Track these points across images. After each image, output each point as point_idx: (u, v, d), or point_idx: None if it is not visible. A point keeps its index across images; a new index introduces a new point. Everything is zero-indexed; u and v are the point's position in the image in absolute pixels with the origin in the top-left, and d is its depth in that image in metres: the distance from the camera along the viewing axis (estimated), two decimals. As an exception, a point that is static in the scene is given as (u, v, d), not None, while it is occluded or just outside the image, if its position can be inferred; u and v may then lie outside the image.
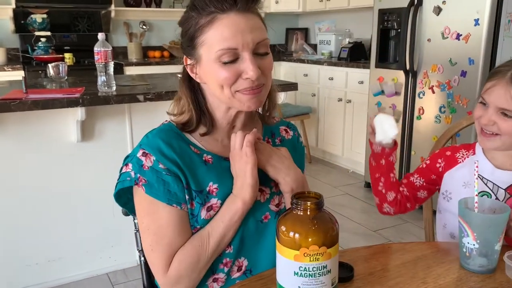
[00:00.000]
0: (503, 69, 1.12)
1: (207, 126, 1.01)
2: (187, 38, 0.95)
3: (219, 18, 0.89)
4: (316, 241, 0.75)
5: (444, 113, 2.97)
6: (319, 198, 0.79)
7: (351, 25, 4.77)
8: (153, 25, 4.94)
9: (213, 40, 0.90)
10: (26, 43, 4.26)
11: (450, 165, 1.27)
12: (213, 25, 0.90)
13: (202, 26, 0.91)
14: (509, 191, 1.16)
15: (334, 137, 4.32)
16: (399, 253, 1.04)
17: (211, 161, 1.01)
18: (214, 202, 0.99)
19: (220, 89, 0.94)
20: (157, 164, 0.95)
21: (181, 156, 0.97)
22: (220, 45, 0.89)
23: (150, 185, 0.95)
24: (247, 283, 0.91)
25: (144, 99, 2.12)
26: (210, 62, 0.92)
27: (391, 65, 3.37)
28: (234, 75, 0.92)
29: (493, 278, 0.93)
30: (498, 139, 1.13)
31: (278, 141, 1.13)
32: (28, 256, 2.23)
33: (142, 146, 0.98)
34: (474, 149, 1.26)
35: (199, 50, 0.93)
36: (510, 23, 2.66)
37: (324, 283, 0.77)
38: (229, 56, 0.90)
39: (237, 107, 0.97)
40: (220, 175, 1.00)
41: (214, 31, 0.90)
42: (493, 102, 1.12)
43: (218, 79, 0.92)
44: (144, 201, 0.96)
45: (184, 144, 1.00)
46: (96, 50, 2.07)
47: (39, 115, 2.10)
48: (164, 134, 0.99)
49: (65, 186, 2.25)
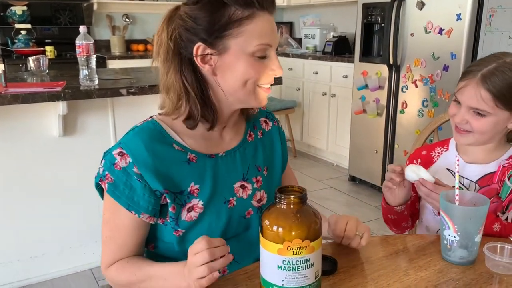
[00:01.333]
0: (474, 69, 1.14)
1: (210, 121, 0.97)
2: (214, 26, 0.90)
3: (258, 14, 0.91)
4: (300, 234, 0.76)
5: (426, 107, 3.00)
6: (302, 192, 0.80)
7: (336, 19, 4.78)
8: (136, 18, 4.88)
9: (253, 33, 0.91)
10: (5, 35, 4.18)
11: (426, 165, 1.28)
12: (254, 20, 0.90)
13: (241, 19, 0.90)
14: (479, 183, 1.19)
15: (318, 131, 4.34)
16: (381, 245, 1.05)
17: (195, 160, 0.99)
18: (195, 202, 0.98)
19: (243, 84, 0.93)
20: (132, 166, 0.93)
21: (161, 159, 0.94)
22: (260, 39, 0.91)
23: (115, 186, 0.94)
24: (232, 277, 0.92)
25: (127, 93, 2.10)
26: (241, 55, 0.91)
27: (375, 59, 3.39)
28: (262, 70, 0.94)
29: (473, 269, 0.95)
30: (471, 136, 1.16)
31: (260, 134, 1.12)
32: (10, 252, 2.20)
33: (121, 145, 0.95)
34: (448, 144, 1.29)
35: (229, 41, 0.91)
36: (491, 18, 2.69)
37: (307, 277, 0.78)
38: (263, 52, 0.92)
39: (251, 103, 0.98)
40: (203, 175, 0.99)
41: (255, 26, 0.90)
42: (465, 101, 1.14)
43: (246, 73, 0.92)
44: (107, 198, 0.97)
45: (167, 144, 0.97)
46: (78, 43, 2.04)
47: (20, 110, 2.07)
48: (146, 134, 0.96)
49: (47, 182, 2.22)
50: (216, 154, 1.02)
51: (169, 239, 1.00)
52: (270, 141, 1.14)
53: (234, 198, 1.03)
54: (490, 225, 1.10)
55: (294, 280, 0.77)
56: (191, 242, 0.85)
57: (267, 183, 1.09)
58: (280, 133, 1.18)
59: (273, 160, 1.13)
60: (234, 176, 1.04)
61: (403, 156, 3.17)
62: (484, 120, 1.12)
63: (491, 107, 1.10)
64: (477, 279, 0.91)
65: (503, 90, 1.09)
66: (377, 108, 3.37)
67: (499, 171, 1.17)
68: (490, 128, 1.13)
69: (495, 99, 1.09)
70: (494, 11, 2.69)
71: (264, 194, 1.07)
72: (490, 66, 1.11)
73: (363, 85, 3.44)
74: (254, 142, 1.10)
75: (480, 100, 1.11)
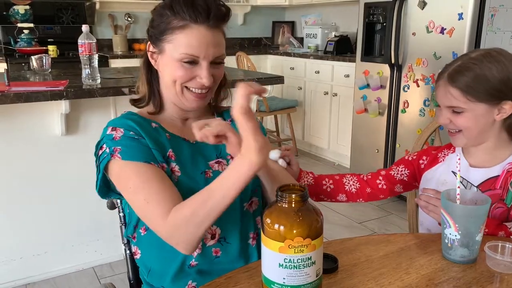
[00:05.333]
0: (444, 70, 1.16)
1: (155, 106, 1.12)
2: (156, 30, 1.04)
3: (191, 27, 1.00)
4: (301, 233, 0.76)
5: (428, 107, 3.00)
6: (303, 190, 0.80)
7: (337, 18, 4.78)
8: (138, 17, 4.89)
9: (180, 43, 1.01)
10: (8, 35, 4.18)
11: (431, 164, 1.29)
12: (184, 31, 1.01)
13: (174, 28, 1.01)
14: (481, 188, 1.18)
15: (320, 130, 4.34)
16: (382, 244, 1.05)
17: (169, 137, 1.09)
18: (173, 166, 1.05)
19: (172, 84, 1.05)
20: (128, 132, 1.03)
21: (145, 128, 1.06)
22: (185, 49, 1.01)
23: (125, 150, 1.00)
24: (233, 274, 0.92)
25: (129, 92, 2.10)
26: (171, 58, 1.03)
27: (377, 59, 3.39)
28: (189, 75, 1.03)
29: (474, 268, 0.95)
30: (461, 136, 1.16)
31: (229, 122, 1.17)
32: (13, 250, 2.21)
33: (109, 125, 1.06)
34: (455, 147, 1.28)
35: (164, 44, 1.04)
36: (493, 17, 2.69)
37: (308, 275, 0.78)
38: (189, 59, 1.02)
39: (182, 104, 1.08)
40: (178, 147, 1.09)
41: (184, 37, 1.01)
42: (441, 102, 1.17)
43: (174, 75, 1.04)
44: (124, 168, 1.00)
45: (146, 123, 1.08)
46: (80, 42, 2.04)
47: (22, 108, 2.08)
48: (127, 115, 1.10)
49: (49, 180, 2.22)
50: (188, 140, 1.12)
51: None
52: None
53: (210, 170, 1.10)
54: (495, 231, 1.10)
55: (296, 278, 0.78)
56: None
57: None
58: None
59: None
60: (208, 156, 1.12)
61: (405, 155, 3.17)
62: (463, 116, 1.13)
63: (464, 102, 1.11)
64: (478, 278, 0.91)
65: (469, 83, 1.10)
66: (379, 107, 3.37)
67: (503, 176, 1.16)
68: (472, 123, 1.13)
69: (464, 94, 1.10)
70: (496, 11, 2.69)
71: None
72: (455, 64, 1.14)
73: (365, 85, 3.44)
74: None
75: (451, 97, 1.12)
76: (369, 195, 1.34)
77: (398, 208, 3.21)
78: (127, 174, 0.99)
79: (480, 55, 1.12)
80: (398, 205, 3.27)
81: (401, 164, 1.36)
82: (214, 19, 1.01)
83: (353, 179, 1.35)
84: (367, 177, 1.36)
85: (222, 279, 0.90)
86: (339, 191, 1.34)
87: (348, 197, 1.35)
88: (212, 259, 1.08)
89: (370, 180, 1.35)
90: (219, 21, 1.03)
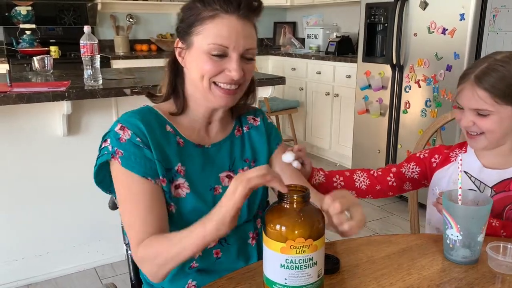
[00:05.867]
0: (469, 71, 1.15)
1: (177, 107, 1.07)
2: (185, 23, 1.02)
3: (221, 16, 0.97)
4: (302, 233, 0.76)
5: (430, 107, 3.00)
6: (305, 191, 0.80)
7: (339, 19, 4.78)
8: (140, 18, 4.89)
9: (210, 33, 0.98)
10: (10, 35, 4.19)
11: (443, 163, 1.28)
12: (214, 20, 0.97)
13: (204, 18, 0.98)
14: (495, 189, 1.18)
15: (321, 131, 4.33)
16: (384, 245, 1.05)
17: (182, 144, 1.05)
18: (182, 182, 1.03)
19: (200, 79, 1.00)
20: (135, 137, 0.99)
21: (156, 134, 1.02)
22: (214, 39, 0.97)
23: (126, 157, 0.98)
24: (235, 275, 0.92)
25: (131, 93, 2.10)
26: (199, 51, 0.99)
27: (378, 59, 3.38)
28: (218, 69, 0.99)
29: (475, 269, 0.95)
30: (484, 138, 1.15)
31: (246, 129, 1.16)
32: (15, 251, 2.21)
33: (119, 121, 1.02)
34: (467, 147, 1.27)
35: (193, 37, 1.00)
36: (495, 18, 2.69)
37: (310, 275, 0.78)
38: (219, 51, 0.98)
39: (210, 101, 1.03)
40: (189, 158, 1.05)
41: (213, 26, 0.97)
42: (465, 104, 1.15)
43: (202, 69, 0.99)
44: (120, 173, 0.99)
45: (160, 124, 1.04)
46: (82, 43, 2.05)
47: (24, 109, 2.08)
48: (142, 112, 1.05)
49: (51, 181, 2.23)
50: (203, 146, 1.08)
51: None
52: (258, 136, 1.17)
53: (219, 186, 1.08)
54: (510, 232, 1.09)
55: (297, 279, 0.78)
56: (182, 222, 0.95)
57: None
58: (266, 127, 1.20)
59: (259, 155, 1.16)
60: (220, 167, 1.09)
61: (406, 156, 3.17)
62: (488, 119, 1.12)
63: (491, 104, 1.10)
64: (479, 279, 0.91)
65: (498, 85, 1.09)
66: (380, 108, 3.37)
67: None
68: (497, 126, 1.12)
69: (492, 96, 1.10)
70: (498, 11, 2.69)
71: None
72: (482, 66, 1.12)
73: (366, 85, 3.44)
74: (242, 136, 1.15)
75: (479, 100, 1.11)
76: (378, 192, 1.33)
77: (400, 209, 3.21)
78: (122, 180, 0.99)
79: (506, 57, 1.11)
80: (399, 206, 3.26)
81: (412, 161, 1.35)
82: (245, 9, 0.98)
83: (363, 175, 1.34)
84: (378, 173, 1.34)
85: (223, 279, 0.90)
86: (349, 188, 1.32)
87: (357, 194, 1.33)
88: (213, 261, 1.08)
89: (380, 177, 1.33)
90: (250, 12, 0.99)
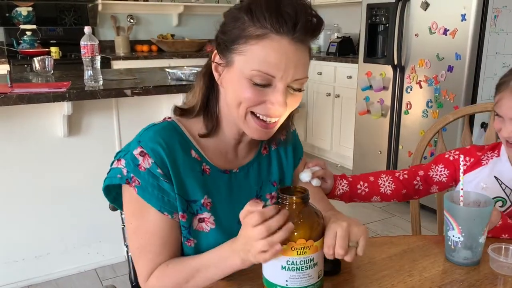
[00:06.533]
0: (507, 79, 1.11)
1: (208, 128, 0.95)
2: (228, 36, 0.86)
3: (271, 38, 0.81)
4: (303, 234, 0.76)
5: (431, 108, 2.99)
6: (304, 192, 0.80)
7: (340, 20, 4.77)
8: (140, 19, 4.90)
9: (255, 56, 0.82)
10: (11, 36, 4.20)
11: (473, 167, 1.24)
12: (262, 41, 0.82)
13: (249, 36, 0.82)
14: None
15: (322, 132, 4.33)
16: (385, 246, 1.05)
17: (208, 172, 0.95)
18: (207, 216, 0.94)
19: (237, 105, 0.87)
20: (155, 167, 0.88)
21: (178, 163, 0.91)
22: (259, 65, 0.82)
23: (144, 188, 0.89)
24: (235, 277, 0.92)
25: (131, 94, 2.10)
26: (240, 74, 0.85)
27: (379, 60, 3.38)
28: (259, 99, 0.85)
29: (477, 270, 0.94)
30: None
31: (274, 146, 1.08)
32: (15, 252, 2.21)
33: (141, 144, 0.90)
34: (499, 150, 1.23)
35: (235, 56, 0.85)
36: (496, 18, 2.68)
37: (311, 276, 0.78)
38: (262, 80, 0.83)
39: (244, 128, 0.91)
40: (216, 189, 0.96)
41: (260, 48, 0.82)
42: (506, 114, 1.11)
43: (240, 95, 0.85)
44: (134, 201, 0.90)
45: (186, 149, 0.93)
46: (83, 44, 2.04)
47: (25, 110, 2.08)
48: (166, 133, 0.92)
49: (51, 181, 2.23)
50: (230, 171, 0.98)
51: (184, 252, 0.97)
52: (284, 152, 1.09)
53: None
54: None
55: (298, 280, 0.78)
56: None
57: None
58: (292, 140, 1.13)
59: (286, 172, 1.10)
60: (248, 194, 1.00)
61: (408, 157, 3.17)
62: None
63: None
64: (481, 280, 0.91)
65: None
66: (381, 108, 3.36)
67: None
68: None
69: None
70: (499, 12, 2.68)
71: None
72: None
73: (367, 86, 3.43)
74: (269, 155, 1.06)
75: None
76: (404, 196, 1.28)
77: (401, 210, 3.20)
78: (135, 211, 0.91)
79: None
80: (401, 207, 3.26)
81: (440, 163, 1.29)
82: (301, 30, 0.81)
83: (388, 179, 1.27)
84: (404, 176, 1.28)
85: (224, 280, 0.90)
86: (374, 194, 1.27)
87: (382, 198, 1.28)
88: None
89: (406, 181, 1.27)
90: (307, 35, 0.83)
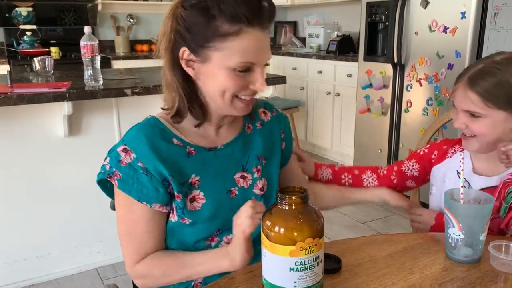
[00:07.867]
0: (464, 72, 1.14)
1: (198, 117, 1.00)
2: (199, 36, 0.91)
3: (246, 31, 0.90)
4: (310, 233, 0.76)
5: (431, 106, 2.99)
6: (304, 192, 0.80)
7: (340, 18, 4.77)
8: (140, 18, 4.90)
9: (236, 51, 0.90)
10: (11, 36, 4.20)
11: (440, 159, 1.27)
12: (239, 36, 0.89)
13: (225, 34, 0.89)
14: None
15: (323, 130, 4.33)
16: (386, 244, 1.05)
17: (194, 153, 1.02)
18: (197, 193, 1.01)
19: (221, 95, 0.95)
20: (136, 162, 0.97)
21: (163, 152, 0.98)
22: (241, 57, 0.91)
23: (124, 181, 0.97)
24: (235, 276, 0.92)
25: (131, 93, 2.10)
26: (221, 68, 0.92)
27: (379, 58, 3.38)
28: (243, 83, 0.94)
29: (478, 268, 0.94)
30: (475, 141, 1.14)
31: (258, 125, 1.13)
32: (16, 252, 2.21)
33: (124, 142, 0.99)
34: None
35: (211, 52, 0.91)
36: (496, 16, 2.68)
37: (317, 274, 0.78)
38: (244, 67, 0.92)
39: (230, 112, 1.00)
40: (202, 167, 1.02)
41: (239, 44, 0.90)
42: (458, 105, 1.14)
43: (223, 85, 0.93)
44: (120, 194, 0.99)
45: (167, 139, 1.00)
46: (83, 43, 2.04)
47: (25, 110, 2.08)
48: (147, 130, 0.99)
49: (52, 181, 2.23)
50: (215, 147, 1.05)
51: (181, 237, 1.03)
52: (269, 132, 1.14)
53: (235, 188, 1.06)
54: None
55: (306, 280, 0.77)
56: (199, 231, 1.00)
57: (266, 172, 1.10)
58: (281, 124, 1.18)
59: (272, 150, 1.14)
60: (234, 167, 1.06)
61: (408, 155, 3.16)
62: (480, 122, 1.10)
63: (482, 108, 1.08)
64: (482, 278, 0.91)
65: (490, 89, 1.07)
66: (382, 107, 3.36)
67: (500, 187, 1.13)
68: (489, 130, 1.10)
69: (484, 100, 1.07)
70: (499, 9, 2.68)
71: (264, 182, 1.09)
72: (477, 67, 1.10)
73: (368, 84, 3.43)
74: (253, 133, 1.12)
75: (470, 102, 1.09)
76: None
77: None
78: (121, 202, 1.01)
79: (504, 59, 1.08)
80: (401, 205, 3.25)
81: (412, 159, 1.34)
82: (267, 18, 0.92)
83: (372, 176, 1.34)
84: (383, 172, 1.35)
85: (225, 279, 0.90)
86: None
87: None
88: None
89: (385, 177, 1.35)
90: (271, 21, 0.94)
